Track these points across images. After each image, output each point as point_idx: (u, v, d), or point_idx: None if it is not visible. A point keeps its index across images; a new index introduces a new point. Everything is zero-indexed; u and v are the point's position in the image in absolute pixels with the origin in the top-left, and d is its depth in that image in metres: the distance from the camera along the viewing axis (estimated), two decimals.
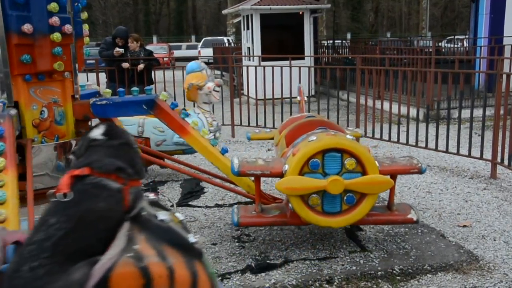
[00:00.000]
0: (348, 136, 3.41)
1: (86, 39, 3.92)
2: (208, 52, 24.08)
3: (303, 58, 10.59)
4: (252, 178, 3.57)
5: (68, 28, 3.29)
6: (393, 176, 3.33)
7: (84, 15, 3.83)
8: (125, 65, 7.50)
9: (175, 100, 8.60)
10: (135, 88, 3.67)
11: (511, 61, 7.20)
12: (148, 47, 9.34)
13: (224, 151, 3.72)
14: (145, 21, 46.45)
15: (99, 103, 3.53)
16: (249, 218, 3.41)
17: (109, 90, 3.81)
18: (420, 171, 3.30)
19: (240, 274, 3.21)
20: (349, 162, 3.12)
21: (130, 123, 5.07)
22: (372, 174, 3.12)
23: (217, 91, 5.20)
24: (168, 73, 8.63)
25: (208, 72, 5.22)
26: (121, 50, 7.47)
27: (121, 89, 3.71)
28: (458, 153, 5.70)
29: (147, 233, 1.16)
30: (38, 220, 1.18)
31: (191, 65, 5.29)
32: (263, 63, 8.43)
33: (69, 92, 3.50)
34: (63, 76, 3.41)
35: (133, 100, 3.57)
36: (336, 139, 3.19)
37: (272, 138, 4.65)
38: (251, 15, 11.54)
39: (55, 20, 3.15)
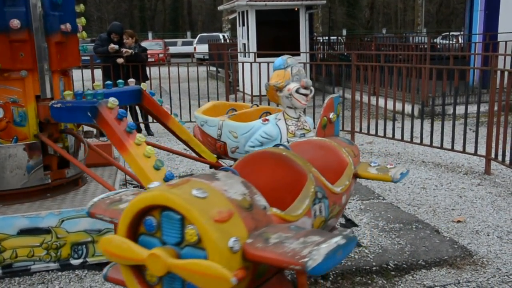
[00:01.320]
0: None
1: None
2: (204, 48, 24.02)
3: (298, 55, 10.59)
4: None
5: (15, 23, 3.10)
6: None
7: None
8: (120, 60, 7.49)
9: (170, 97, 8.53)
10: (88, 91, 3.30)
11: (505, 58, 7.23)
12: (144, 44, 9.31)
13: (168, 178, 3.16)
14: (140, 17, 46.24)
15: (55, 106, 3.31)
16: (119, 275, 2.38)
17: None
18: (304, 268, 1.82)
19: None
20: (190, 232, 1.96)
21: (213, 124, 4.50)
22: (213, 259, 1.88)
23: (303, 94, 4.04)
24: (163, 70, 8.60)
25: (294, 70, 4.22)
26: (116, 47, 7.43)
27: (87, 91, 3.36)
28: (452, 149, 5.72)
29: None
30: None
31: (276, 61, 4.38)
32: (258, 60, 8.43)
33: (31, 92, 3.31)
34: (20, 74, 3.24)
35: (78, 106, 3.20)
36: (160, 191, 1.99)
37: None
38: (247, 11, 11.52)
39: None
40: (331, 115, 3.63)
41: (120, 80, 3.84)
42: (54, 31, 3.34)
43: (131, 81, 3.91)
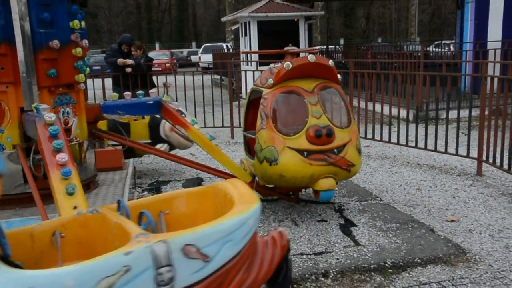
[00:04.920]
0: None
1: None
2: (208, 57, 24.13)
3: None
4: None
5: None
6: None
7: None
8: (128, 69, 7.57)
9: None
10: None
11: (495, 65, 7.23)
12: (151, 54, 9.35)
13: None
14: (148, 29, 46.43)
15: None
16: None
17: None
18: None
19: None
20: None
21: None
22: None
23: None
24: (170, 78, 8.63)
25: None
26: (125, 61, 7.53)
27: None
28: (446, 152, 5.72)
29: None
30: None
31: None
32: (260, 68, 8.45)
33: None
34: None
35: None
36: None
37: None
38: (249, 22, 11.56)
39: None
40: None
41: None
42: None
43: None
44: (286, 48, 4.07)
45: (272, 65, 3.99)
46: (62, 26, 3.27)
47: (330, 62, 3.78)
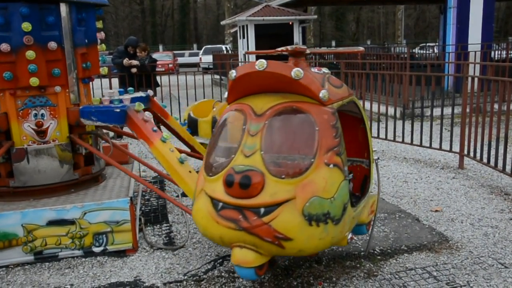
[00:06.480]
0: None
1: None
2: (208, 58, 24.05)
3: None
4: None
5: None
6: None
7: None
8: (133, 70, 7.53)
9: (179, 102, 8.55)
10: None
11: (475, 66, 7.24)
12: (155, 55, 9.31)
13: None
14: (152, 32, 46.18)
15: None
16: None
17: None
18: None
19: None
20: None
21: None
22: None
23: None
24: (173, 78, 8.60)
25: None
26: (130, 62, 7.49)
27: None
28: (430, 147, 5.72)
29: None
30: None
31: None
32: None
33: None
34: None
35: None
36: None
37: None
38: (247, 25, 11.52)
39: None
40: None
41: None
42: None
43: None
44: (293, 46, 2.74)
45: None
46: (15, 29, 3.08)
47: (294, 71, 2.28)
